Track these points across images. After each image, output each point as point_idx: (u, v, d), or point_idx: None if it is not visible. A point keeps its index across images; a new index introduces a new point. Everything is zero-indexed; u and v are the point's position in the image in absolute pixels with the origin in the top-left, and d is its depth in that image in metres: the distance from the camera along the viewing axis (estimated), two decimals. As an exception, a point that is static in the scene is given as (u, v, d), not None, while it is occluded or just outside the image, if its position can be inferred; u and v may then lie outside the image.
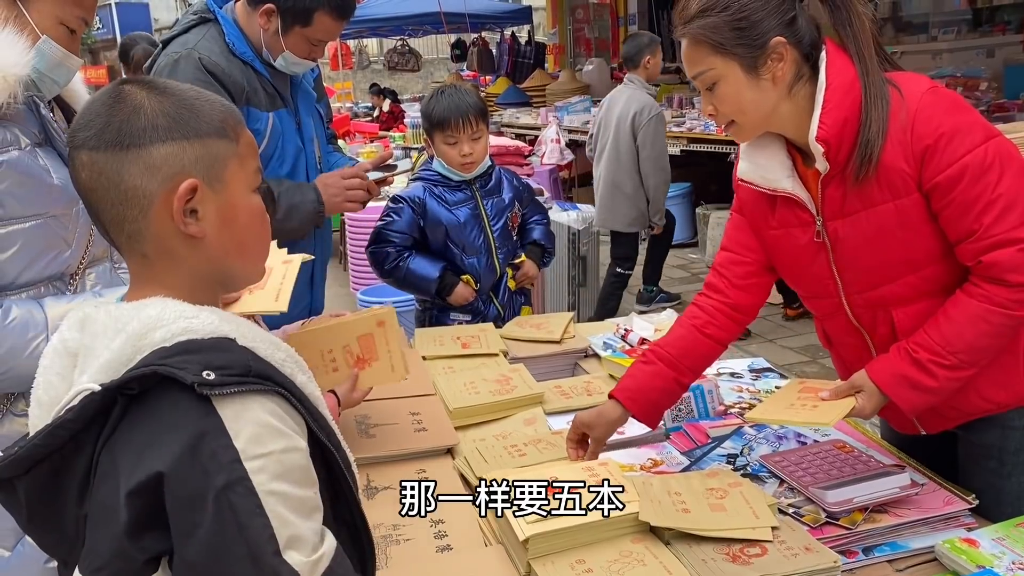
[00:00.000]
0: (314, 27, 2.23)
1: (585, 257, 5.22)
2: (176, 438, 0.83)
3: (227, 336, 0.92)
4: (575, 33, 12.57)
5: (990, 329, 1.42)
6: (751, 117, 1.49)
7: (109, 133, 0.93)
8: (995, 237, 1.38)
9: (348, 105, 14.44)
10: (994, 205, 1.37)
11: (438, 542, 1.45)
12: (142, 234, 0.95)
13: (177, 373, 0.84)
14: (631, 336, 2.37)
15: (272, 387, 0.89)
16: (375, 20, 13.07)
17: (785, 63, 1.43)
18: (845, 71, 1.43)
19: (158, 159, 0.93)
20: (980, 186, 1.37)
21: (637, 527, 1.40)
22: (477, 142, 2.60)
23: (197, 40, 2.26)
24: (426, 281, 2.62)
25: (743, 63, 1.43)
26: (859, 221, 1.48)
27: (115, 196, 0.94)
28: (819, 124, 1.42)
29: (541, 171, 6.64)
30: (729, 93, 1.46)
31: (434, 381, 2.08)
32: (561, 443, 1.72)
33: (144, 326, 0.90)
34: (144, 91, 0.96)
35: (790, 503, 1.48)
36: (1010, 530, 1.38)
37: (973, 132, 1.38)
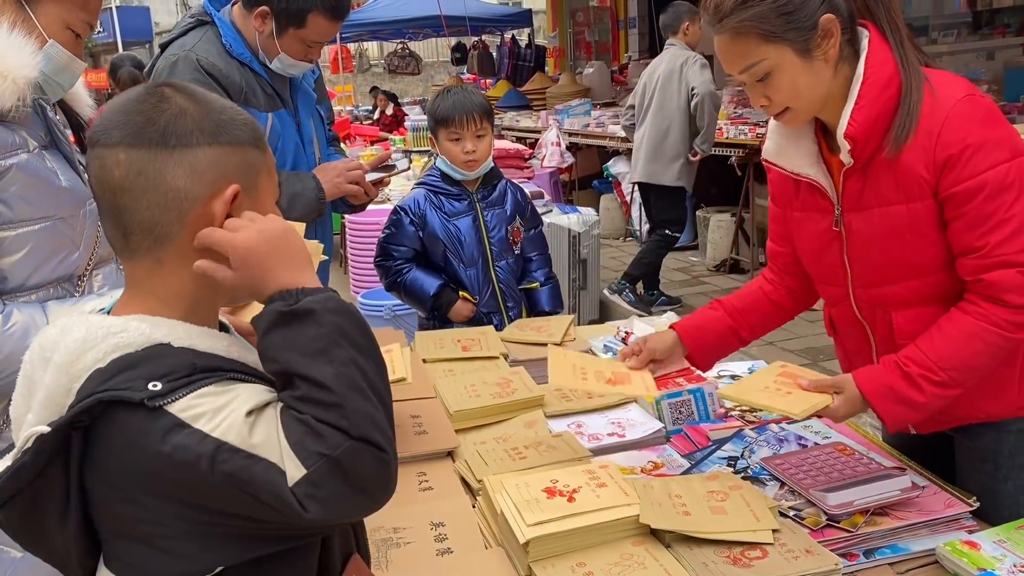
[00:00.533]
0: (308, 28, 2.24)
1: (585, 260, 5.23)
2: (148, 456, 0.83)
3: (161, 342, 0.90)
4: (575, 36, 12.60)
5: (985, 349, 1.41)
6: (807, 100, 1.46)
7: (152, 132, 0.91)
8: (1000, 257, 1.38)
9: (348, 108, 14.45)
10: (1005, 225, 1.36)
11: (438, 545, 1.44)
12: (171, 239, 0.93)
13: (123, 395, 0.83)
14: (631, 339, 2.37)
15: (222, 376, 0.88)
16: (375, 23, 13.10)
17: (835, 39, 1.41)
18: (885, 64, 1.42)
19: (204, 162, 0.93)
20: (995, 204, 1.36)
21: (638, 530, 1.39)
22: (480, 140, 2.62)
23: (195, 42, 2.27)
24: (422, 297, 2.65)
25: (796, 47, 1.41)
26: (873, 217, 1.48)
27: (153, 197, 0.91)
28: (850, 120, 1.42)
29: (541, 174, 6.63)
30: (784, 81, 1.43)
31: (435, 384, 2.08)
32: (562, 446, 1.72)
33: (71, 353, 0.88)
34: (183, 96, 0.95)
35: (791, 506, 1.48)
36: (1011, 532, 1.37)
37: (1000, 148, 1.37)
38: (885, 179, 1.45)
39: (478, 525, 1.51)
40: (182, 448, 0.82)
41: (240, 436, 0.84)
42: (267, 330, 0.90)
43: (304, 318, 0.89)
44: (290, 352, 0.88)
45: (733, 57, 1.45)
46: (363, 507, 0.90)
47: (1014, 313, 1.38)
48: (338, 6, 2.25)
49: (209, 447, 0.82)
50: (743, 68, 1.45)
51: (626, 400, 1.98)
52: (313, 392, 0.86)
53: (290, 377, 0.88)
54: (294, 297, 0.91)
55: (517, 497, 1.41)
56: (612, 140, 7.33)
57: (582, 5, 12.48)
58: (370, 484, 0.87)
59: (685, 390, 1.92)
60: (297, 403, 0.86)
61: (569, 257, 5.13)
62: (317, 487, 0.84)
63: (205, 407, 0.84)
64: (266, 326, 0.90)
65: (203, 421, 0.84)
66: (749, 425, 1.83)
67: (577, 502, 1.40)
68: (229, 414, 0.85)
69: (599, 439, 1.82)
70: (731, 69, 1.48)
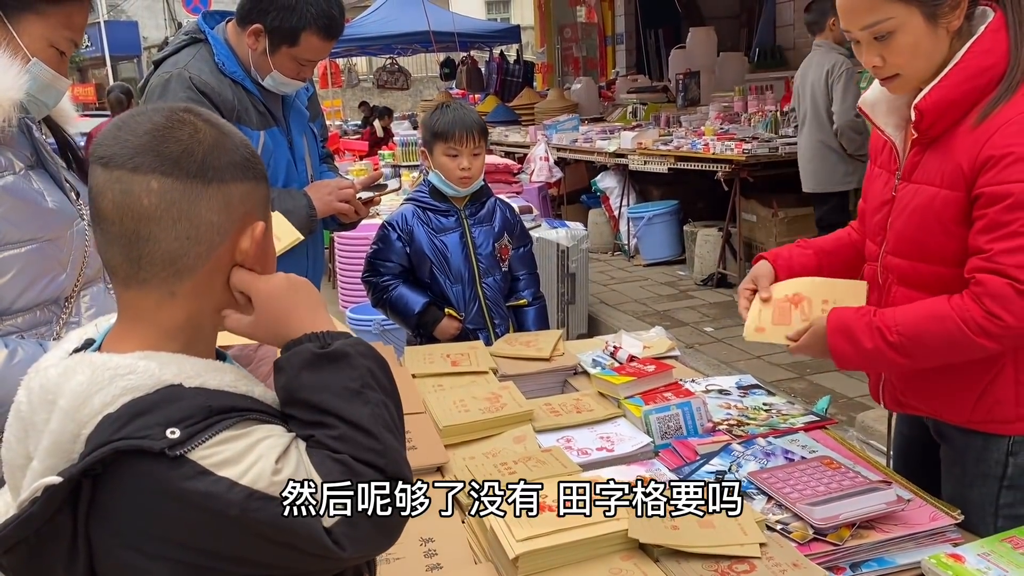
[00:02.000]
0: (301, 47, 2.25)
1: (574, 275, 5.25)
2: (167, 503, 0.82)
3: (172, 383, 0.87)
4: (563, 52, 12.68)
5: (943, 334, 1.45)
6: (921, 68, 1.47)
7: (191, 163, 0.90)
8: (998, 264, 1.41)
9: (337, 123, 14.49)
10: (1015, 237, 1.39)
11: (428, 561, 1.45)
12: (194, 271, 0.92)
13: (142, 444, 0.81)
14: (620, 353, 2.38)
15: (238, 417, 0.87)
16: (364, 39, 13.16)
17: (961, 10, 1.44)
18: (989, 53, 1.44)
19: (236, 197, 0.93)
20: (1014, 215, 1.39)
21: (627, 544, 1.40)
22: (476, 158, 2.63)
23: (188, 60, 2.28)
24: (407, 314, 2.65)
25: (925, 11, 1.42)
26: (915, 192, 1.55)
27: (184, 229, 0.90)
28: (927, 94, 1.46)
29: (530, 189, 6.66)
30: (906, 43, 1.44)
31: (424, 399, 2.08)
32: (551, 461, 1.72)
33: (77, 397, 0.85)
34: (211, 128, 0.94)
35: (778, 519, 1.49)
36: (995, 545, 1.39)
37: None
38: (936, 161, 1.50)
39: (467, 540, 1.51)
40: (209, 496, 0.81)
41: (270, 483, 0.83)
42: (299, 370, 0.91)
43: (338, 361, 0.92)
44: (325, 393, 0.90)
45: (859, 12, 1.45)
46: (386, 544, 0.93)
47: (986, 318, 1.42)
48: (331, 25, 2.26)
49: (239, 495, 0.82)
50: (867, 25, 1.45)
51: (616, 415, 2.00)
52: (351, 432, 0.89)
53: (323, 416, 0.90)
54: (323, 340, 0.93)
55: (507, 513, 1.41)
56: (600, 155, 7.37)
57: (570, 21, 12.58)
58: (399, 525, 0.92)
59: (673, 404, 1.93)
60: (335, 442, 0.88)
61: (558, 271, 5.15)
62: (355, 527, 0.86)
63: (228, 452, 0.84)
64: (298, 367, 0.92)
65: (228, 468, 0.83)
66: (737, 439, 1.84)
67: (566, 517, 1.40)
68: (257, 460, 0.84)
69: (588, 454, 1.83)
70: (852, 24, 1.48)
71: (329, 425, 0.89)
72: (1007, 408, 1.54)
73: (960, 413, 1.58)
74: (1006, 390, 1.53)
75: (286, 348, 0.95)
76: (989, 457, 1.56)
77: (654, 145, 6.60)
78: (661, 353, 2.41)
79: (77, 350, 0.96)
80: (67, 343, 0.99)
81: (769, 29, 8.77)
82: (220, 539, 0.83)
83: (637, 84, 9.66)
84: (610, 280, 6.81)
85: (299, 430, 0.91)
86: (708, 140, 6.00)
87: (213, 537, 0.83)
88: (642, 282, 6.67)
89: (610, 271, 7.12)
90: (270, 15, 2.22)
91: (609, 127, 7.99)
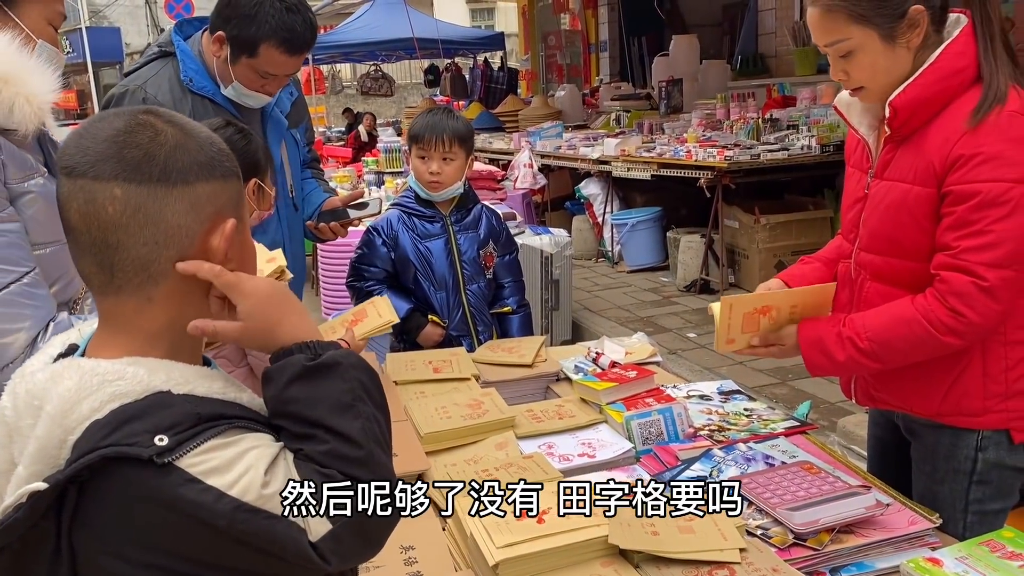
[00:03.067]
0: (261, 59, 2.19)
1: (558, 281, 5.26)
2: (154, 510, 0.81)
3: (160, 389, 0.87)
4: (547, 59, 12.72)
5: (911, 336, 1.50)
6: (881, 83, 1.53)
7: (152, 168, 0.88)
8: (962, 261, 1.44)
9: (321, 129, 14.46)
10: (981, 236, 1.42)
11: (408, 568, 1.44)
12: (167, 275, 0.91)
13: (130, 451, 0.80)
14: (602, 359, 2.38)
15: (226, 424, 0.86)
16: (348, 45, 13.15)
17: (920, 29, 1.48)
18: (960, 56, 1.48)
19: (203, 197, 0.91)
20: (981, 214, 1.42)
21: (607, 550, 1.40)
22: (447, 163, 2.60)
23: (150, 76, 2.25)
24: None
25: (881, 32, 1.48)
26: (888, 189, 1.58)
27: (152, 234, 0.89)
28: (900, 92, 1.50)
29: (514, 195, 6.67)
30: (865, 61, 1.51)
31: (405, 406, 2.08)
32: (532, 467, 1.72)
33: (65, 403, 0.84)
34: (174, 128, 0.92)
35: (758, 525, 1.50)
36: (973, 549, 1.39)
37: (1011, 167, 1.41)
38: (909, 158, 1.53)
39: (448, 548, 1.50)
40: (197, 505, 0.80)
41: (259, 495, 0.83)
42: (289, 382, 0.90)
43: (329, 372, 0.91)
44: (316, 405, 0.89)
45: (821, 31, 1.53)
46: (370, 555, 0.95)
47: (950, 316, 1.46)
48: (292, 39, 2.18)
49: (227, 506, 0.81)
50: (828, 43, 1.53)
51: (597, 420, 2.00)
52: (341, 446, 0.88)
53: (312, 430, 0.89)
54: (313, 350, 0.92)
55: (487, 519, 1.41)
56: (583, 162, 7.39)
57: (554, 29, 12.62)
58: (382, 537, 0.93)
59: (655, 410, 1.94)
60: (323, 457, 0.87)
61: (541, 278, 5.16)
62: (340, 542, 0.86)
63: (216, 461, 0.83)
64: (288, 378, 0.90)
65: (217, 477, 0.82)
66: (718, 445, 1.85)
67: (547, 523, 1.40)
68: (246, 470, 0.83)
69: (569, 460, 1.83)
70: (817, 41, 1.56)
71: (318, 439, 0.89)
72: (974, 400, 1.57)
73: (930, 405, 1.61)
74: (974, 382, 1.57)
75: (275, 358, 0.94)
76: (958, 453, 1.59)
77: (637, 152, 6.62)
78: (643, 359, 2.41)
79: (61, 355, 0.96)
80: (51, 348, 0.98)
81: (751, 37, 8.83)
82: (206, 548, 0.83)
83: (620, 91, 9.70)
84: (594, 286, 6.82)
85: (287, 442, 0.91)
86: (690, 147, 6.03)
87: (199, 546, 0.83)
88: (626, 288, 6.68)
89: (594, 277, 7.13)
90: (231, 23, 2.18)
91: (593, 134, 8.02)
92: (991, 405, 1.57)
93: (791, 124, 6.32)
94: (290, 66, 2.27)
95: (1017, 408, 1.56)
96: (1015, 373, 1.56)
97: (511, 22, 18.69)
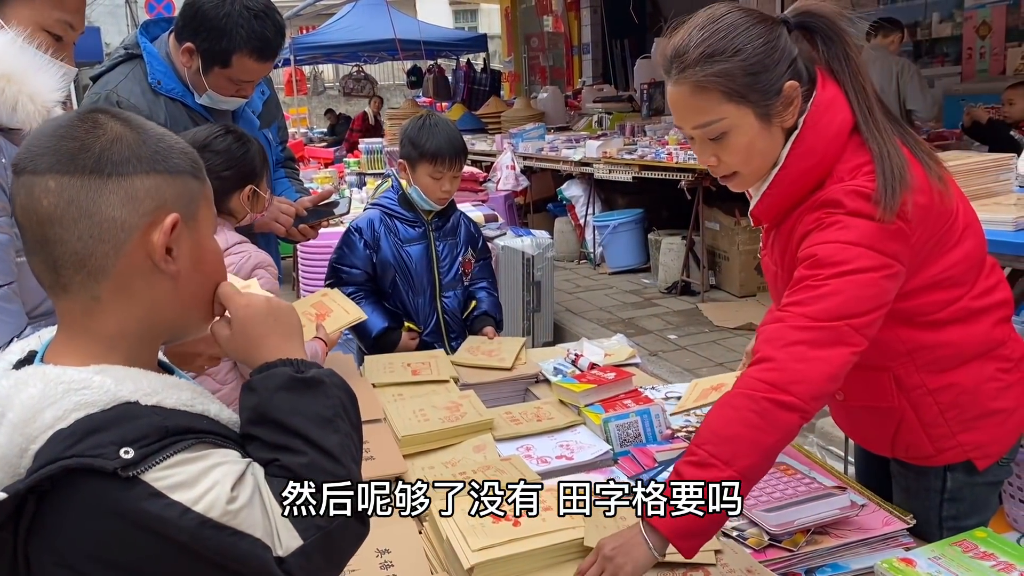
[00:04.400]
0: (234, 69, 2.18)
1: (539, 283, 5.26)
2: (116, 524, 0.79)
3: (128, 400, 0.85)
4: (530, 61, 12.72)
5: (735, 415, 1.27)
6: (757, 166, 1.41)
7: (86, 159, 0.86)
8: (781, 312, 1.33)
9: (303, 130, 14.40)
10: (808, 290, 1.31)
11: (384, 572, 1.43)
12: (107, 272, 0.88)
13: (94, 463, 0.78)
14: (581, 361, 2.38)
15: (194, 439, 0.85)
16: (330, 46, 13.11)
17: (794, 107, 1.37)
18: (812, 152, 1.36)
19: (141, 191, 0.88)
20: (812, 271, 1.32)
21: (582, 552, 1.40)
22: (456, 179, 2.63)
23: (119, 80, 2.22)
24: (364, 335, 2.63)
25: (758, 111, 1.35)
26: (768, 265, 1.58)
27: (86, 228, 0.86)
28: (757, 203, 1.45)
29: (496, 197, 6.66)
30: (740, 143, 1.37)
31: (384, 408, 2.07)
32: (510, 469, 1.72)
33: (27, 411, 0.82)
34: (117, 122, 0.90)
35: (734, 526, 1.50)
36: (946, 549, 1.40)
37: (846, 231, 1.31)
38: (777, 242, 1.50)
39: (424, 551, 1.50)
40: (160, 520, 0.79)
41: (224, 512, 0.82)
42: (274, 391, 0.91)
43: (314, 387, 0.93)
44: (297, 416, 0.91)
45: (689, 111, 1.38)
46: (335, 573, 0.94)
47: (759, 368, 1.28)
48: (264, 47, 2.17)
49: (191, 522, 0.80)
50: (698, 124, 1.39)
51: (575, 422, 2.00)
52: (318, 458, 0.89)
53: (291, 440, 0.90)
54: (297, 366, 0.94)
55: (462, 522, 1.40)
56: (566, 164, 7.39)
57: (537, 31, 12.63)
58: (345, 558, 0.94)
59: (632, 412, 1.94)
60: (301, 469, 0.88)
61: (523, 280, 5.15)
62: (309, 559, 0.86)
63: (182, 476, 0.81)
64: (274, 387, 0.92)
65: (181, 492, 0.80)
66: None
67: (522, 526, 1.40)
68: (212, 486, 0.82)
69: (547, 462, 1.83)
70: (683, 123, 1.42)
71: (296, 450, 0.89)
72: (924, 447, 1.50)
73: (883, 449, 1.59)
74: (914, 433, 1.50)
75: (259, 371, 0.95)
76: (929, 471, 1.54)
77: (619, 154, 6.64)
78: (622, 361, 2.42)
79: (21, 361, 0.94)
80: (10, 355, 0.96)
81: (732, 40, 8.86)
82: (167, 564, 0.81)
83: (603, 94, 9.72)
84: (576, 288, 6.83)
85: (261, 453, 0.90)
86: (672, 149, 6.05)
87: (160, 561, 0.81)
88: (607, 290, 6.70)
89: (576, 279, 7.14)
90: (200, 35, 2.14)
91: (575, 136, 8.02)
92: (943, 445, 1.49)
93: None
94: (262, 72, 2.25)
95: (969, 442, 1.48)
96: (952, 414, 1.47)
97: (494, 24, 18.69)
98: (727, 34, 1.33)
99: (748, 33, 1.34)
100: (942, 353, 1.45)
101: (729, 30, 1.34)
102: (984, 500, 1.56)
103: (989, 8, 6.81)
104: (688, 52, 1.35)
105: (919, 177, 1.35)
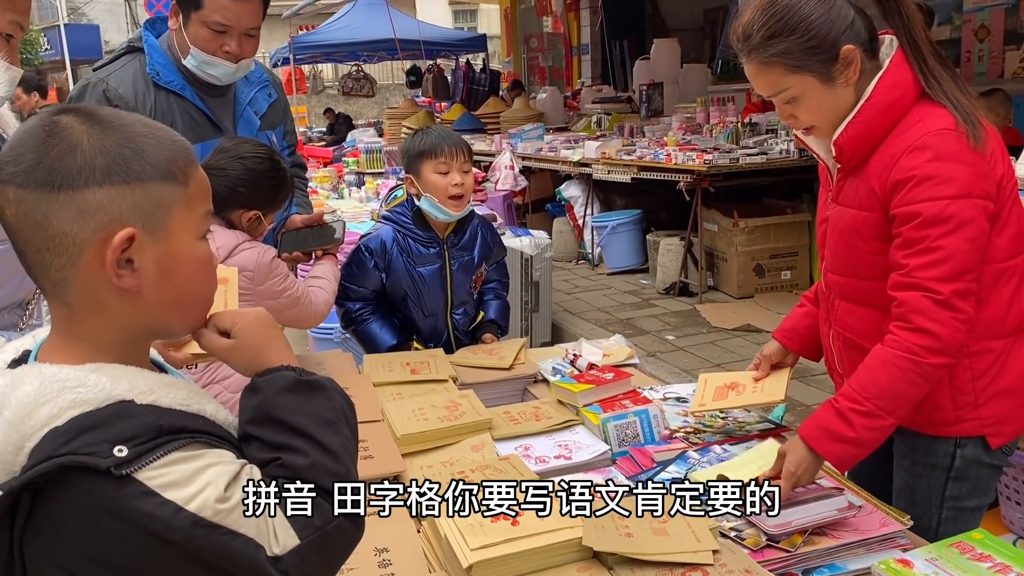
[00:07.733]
0: (207, 8, 2.16)
1: (538, 283, 5.26)
2: (109, 522, 0.80)
3: (123, 398, 0.85)
4: (529, 62, 12.74)
5: (900, 375, 1.49)
6: (829, 120, 1.58)
7: (40, 171, 0.85)
8: (914, 279, 1.48)
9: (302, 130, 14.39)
10: (928, 253, 1.46)
11: (382, 571, 1.43)
12: (68, 283, 0.88)
13: (88, 461, 0.78)
14: (580, 361, 2.39)
15: (188, 438, 0.85)
16: (330, 45, 13.11)
17: (855, 65, 1.52)
18: (894, 88, 1.52)
19: (92, 204, 0.85)
20: (925, 232, 1.46)
21: (582, 553, 1.40)
22: (467, 175, 2.51)
23: (114, 70, 2.24)
24: (374, 350, 2.59)
25: (819, 77, 1.52)
26: (841, 213, 1.64)
27: (41, 241, 0.86)
28: (842, 132, 1.55)
29: (495, 197, 6.67)
30: (810, 104, 1.56)
31: (383, 407, 2.07)
32: (509, 469, 1.72)
33: (23, 408, 0.82)
34: (83, 125, 0.87)
35: (731, 527, 1.50)
36: (943, 550, 1.41)
37: (946, 185, 1.45)
38: (855, 185, 1.59)
39: (422, 550, 1.50)
40: (153, 519, 0.79)
41: (216, 511, 0.82)
42: (279, 391, 0.94)
43: (317, 390, 0.96)
44: (302, 416, 0.93)
45: (763, 85, 1.59)
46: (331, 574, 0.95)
47: (919, 336, 1.48)
48: None
49: (185, 521, 0.80)
50: (771, 94, 1.59)
51: (574, 422, 2.00)
52: (321, 458, 0.91)
53: (294, 439, 0.91)
54: (300, 371, 0.97)
55: (461, 521, 1.40)
56: (565, 164, 7.40)
57: (536, 31, 12.64)
58: (339, 561, 0.95)
59: (631, 412, 1.94)
60: (303, 471, 0.90)
61: (522, 280, 5.16)
62: (306, 559, 0.87)
63: (175, 475, 0.81)
64: (278, 388, 0.94)
65: (175, 491, 0.80)
66: (693, 447, 1.86)
67: (521, 525, 1.40)
68: (205, 486, 0.82)
69: (546, 462, 1.83)
70: (760, 92, 1.62)
71: (298, 449, 0.90)
72: (946, 412, 1.60)
73: (904, 416, 1.62)
74: (942, 395, 1.60)
75: (262, 374, 0.96)
76: (938, 448, 1.63)
77: (617, 155, 6.64)
78: (620, 361, 2.42)
79: (16, 361, 0.94)
80: (5, 355, 0.97)
81: (732, 41, 8.88)
82: (159, 563, 0.81)
83: (602, 94, 9.73)
84: (574, 288, 6.83)
85: (262, 453, 0.91)
86: (670, 150, 6.06)
87: (152, 560, 0.81)
88: (605, 291, 6.70)
89: (574, 279, 7.14)
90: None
91: (574, 136, 8.03)
92: (963, 415, 1.60)
93: (770, 128, 6.37)
94: (236, 10, 2.19)
95: (989, 415, 1.59)
96: (982, 383, 1.58)
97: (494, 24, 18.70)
98: (783, 15, 1.50)
99: (802, 11, 1.50)
100: (987, 316, 1.55)
101: (785, 11, 1.50)
102: (986, 482, 1.64)
103: (988, 11, 6.82)
104: (752, 36, 1.54)
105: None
